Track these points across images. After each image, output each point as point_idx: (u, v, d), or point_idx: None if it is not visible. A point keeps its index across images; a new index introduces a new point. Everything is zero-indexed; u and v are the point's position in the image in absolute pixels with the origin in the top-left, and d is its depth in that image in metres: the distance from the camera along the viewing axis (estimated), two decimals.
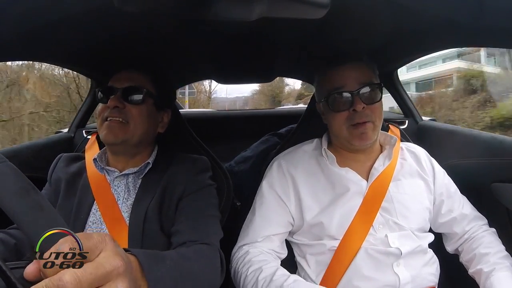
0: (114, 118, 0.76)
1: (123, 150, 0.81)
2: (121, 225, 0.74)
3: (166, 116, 0.89)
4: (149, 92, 0.81)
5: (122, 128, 0.77)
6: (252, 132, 1.44)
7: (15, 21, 0.59)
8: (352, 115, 0.76)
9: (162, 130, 0.89)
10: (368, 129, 0.76)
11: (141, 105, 0.79)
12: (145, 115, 0.80)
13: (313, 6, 0.49)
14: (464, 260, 0.82)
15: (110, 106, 0.76)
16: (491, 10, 0.56)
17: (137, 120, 0.78)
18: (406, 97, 1.41)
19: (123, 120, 0.77)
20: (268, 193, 0.83)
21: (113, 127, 0.76)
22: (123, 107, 0.77)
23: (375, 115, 0.76)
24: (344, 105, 0.77)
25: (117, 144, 0.78)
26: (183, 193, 0.78)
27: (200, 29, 0.83)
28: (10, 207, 0.37)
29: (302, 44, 0.98)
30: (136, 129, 0.78)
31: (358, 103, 0.74)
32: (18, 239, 0.73)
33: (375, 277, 0.71)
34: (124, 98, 0.78)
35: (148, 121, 0.81)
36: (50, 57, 0.94)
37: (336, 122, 0.79)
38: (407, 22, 0.77)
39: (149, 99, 0.81)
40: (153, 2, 0.51)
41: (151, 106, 0.82)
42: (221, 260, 0.71)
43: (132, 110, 0.78)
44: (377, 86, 0.78)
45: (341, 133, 0.79)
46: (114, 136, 0.76)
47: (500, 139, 0.92)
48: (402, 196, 0.79)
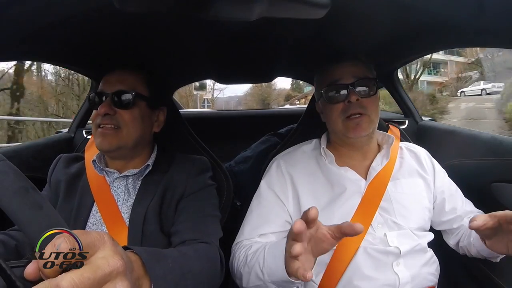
0: (106, 125, 0.75)
1: (120, 155, 0.80)
2: (121, 226, 0.74)
3: (161, 114, 0.87)
4: (139, 94, 0.79)
5: (115, 135, 0.75)
6: (252, 132, 1.44)
7: (15, 21, 0.59)
8: (347, 107, 0.78)
9: (158, 129, 0.87)
10: (363, 121, 0.77)
11: (133, 109, 0.77)
12: (138, 117, 0.78)
13: (313, 6, 0.49)
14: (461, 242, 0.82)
15: (100, 113, 0.75)
16: (491, 10, 0.56)
17: (129, 125, 0.76)
18: (406, 97, 1.41)
19: (115, 126, 0.75)
20: (266, 192, 0.84)
21: (106, 135, 0.75)
22: (113, 113, 0.75)
23: (370, 108, 0.78)
24: (339, 97, 0.79)
25: (112, 151, 0.77)
26: (183, 194, 0.78)
27: (201, 29, 0.83)
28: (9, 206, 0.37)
29: (302, 44, 0.98)
30: (129, 133, 0.77)
31: (353, 95, 0.77)
32: (19, 241, 0.73)
33: (375, 276, 0.71)
34: (114, 103, 0.76)
35: (142, 123, 0.79)
36: (50, 57, 0.94)
37: (332, 114, 0.81)
38: (407, 22, 0.77)
39: (141, 101, 0.79)
40: (153, 2, 0.51)
41: (144, 108, 0.80)
42: (221, 259, 0.71)
43: (123, 115, 0.76)
44: (372, 80, 0.80)
45: (336, 126, 0.81)
46: (108, 144, 0.75)
47: (500, 139, 0.92)
48: (400, 196, 0.79)
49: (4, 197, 0.37)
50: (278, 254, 0.59)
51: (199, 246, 0.68)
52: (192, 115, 1.88)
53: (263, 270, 0.65)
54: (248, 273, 0.69)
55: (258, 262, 0.66)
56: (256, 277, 0.67)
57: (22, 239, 0.73)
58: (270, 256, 0.64)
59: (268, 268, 0.63)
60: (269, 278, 0.63)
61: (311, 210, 0.49)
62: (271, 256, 0.64)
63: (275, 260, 0.61)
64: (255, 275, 0.67)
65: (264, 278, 0.64)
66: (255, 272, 0.67)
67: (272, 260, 0.63)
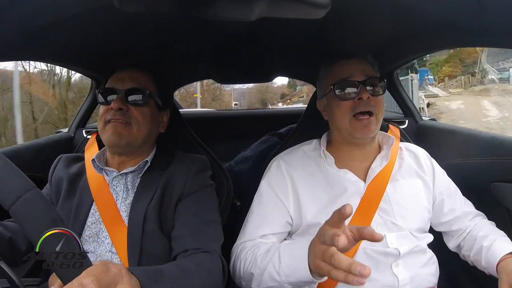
0: (118, 120, 0.76)
1: (125, 151, 0.81)
2: (120, 225, 0.74)
3: (165, 116, 0.89)
4: (151, 93, 0.80)
5: (126, 130, 0.76)
6: (252, 132, 1.44)
7: (15, 21, 0.59)
8: (357, 104, 0.77)
9: (163, 130, 0.88)
10: (371, 123, 0.78)
11: (144, 107, 0.79)
12: (148, 116, 0.80)
13: (313, 6, 0.49)
14: (464, 251, 0.82)
15: (114, 108, 0.75)
16: (491, 10, 0.56)
17: (140, 122, 0.77)
18: (406, 97, 1.41)
19: (127, 122, 0.76)
20: (266, 193, 0.84)
21: (117, 129, 0.75)
22: (126, 109, 0.76)
23: (378, 108, 0.78)
24: (350, 94, 0.78)
25: (121, 146, 0.77)
26: (182, 193, 0.78)
27: (200, 29, 0.83)
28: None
29: (302, 44, 0.98)
30: (139, 131, 0.78)
31: (364, 92, 0.76)
32: (15, 233, 0.73)
33: (374, 277, 0.71)
34: (127, 99, 0.77)
35: (151, 122, 0.81)
36: (50, 57, 0.94)
37: (340, 111, 0.80)
38: (407, 22, 0.77)
39: (151, 100, 0.81)
40: (153, 2, 0.51)
41: (153, 107, 0.82)
42: (223, 267, 0.72)
43: (134, 112, 0.77)
44: (380, 80, 0.80)
45: (343, 124, 0.80)
46: (119, 137, 0.75)
47: (500, 139, 0.92)
48: (400, 197, 0.79)
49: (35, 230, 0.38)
50: (299, 254, 0.60)
51: (201, 259, 0.69)
52: (192, 115, 1.88)
53: (279, 271, 0.65)
54: (260, 275, 0.69)
55: (273, 263, 0.67)
56: (271, 279, 0.67)
57: (18, 231, 0.73)
58: (287, 257, 0.65)
59: (286, 269, 0.64)
60: (287, 279, 0.64)
61: (347, 208, 0.50)
62: (289, 257, 0.64)
63: (294, 260, 0.62)
64: (269, 276, 0.67)
65: (280, 279, 0.65)
66: (269, 273, 0.67)
67: (291, 261, 0.63)
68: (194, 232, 0.74)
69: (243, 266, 0.74)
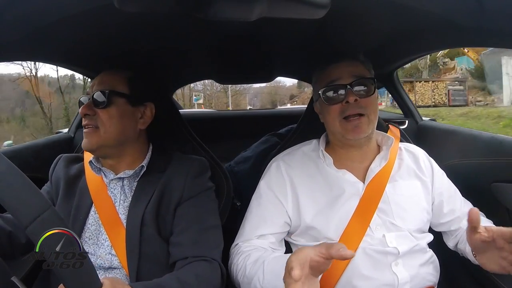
0: (87, 125, 0.77)
1: (105, 154, 0.80)
2: (119, 227, 0.74)
3: (148, 110, 0.84)
4: (115, 92, 0.78)
5: (94, 135, 0.76)
6: (252, 132, 1.44)
7: (15, 22, 0.59)
8: (345, 108, 0.77)
9: (144, 126, 0.84)
10: (362, 123, 0.77)
11: (109, 108, 0.77)
12: (116, 116, 0.78)
13: (313, 6, 0.49)
14: (459, 243, 0.82)
15: (81, 114, 0.77)
16: (491, 10, 0.56)
17: (106, 124, 0.77)
18: (406, 97, 1.41)
19: (94, 126, 0.77)
20: (265, 193, 0.84)
21: (87, 134, 0.77)
22: (93, 113, 0.76)
23: (369, 108, 0.77)
24: (337, 98, 0.78)
25: (94, 150, 0.78)
26: (181, 198, 0.78)
27: (200, 29, 0.83)
28: None
29: (302, 44, 0.98)
30: (107, 132, 0.77)
31: (351, 95, 0.76)
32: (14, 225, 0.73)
33: (374, 276, 0.71)
34: (94, 104, 0.77)
35: (121, 121, 0.78)
36: (50, 57, 0.94)
37: (330, 115, 0.80)
38: (406, 22, 0.77)
39: (118, 99, 0.79)
40: (153, 2, 0.51)
41: (124, 105, 0.79)
42: (222, 274, 0.74)
43: (101, 114, 0.77)
44: (370, 80, 0.79)
45: (334, 127, 0.80)
46: (89, 143, 0.76)
47: (500, 139, 0.92)
48: (399, 197, 0.79)
49: None
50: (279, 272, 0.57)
51: (200, 268, 0.70)
52: (192, 115, 1.88)
53: (262, 285, 0.67)
54: (247, 284, 0.71)
55: (258, 277, 0.68)
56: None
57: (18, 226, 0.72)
58: (269, 273, 0.66)
59: (268, 284, 0.65)
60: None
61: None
62: (270, 273, 0.66)
63: (275, 277, 0.62)
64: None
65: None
66: (255, 285, 0.69)
67: (271, 277, 0.65)
68: (193, 239, 0.74)
69: (235, 271, 0.76)
